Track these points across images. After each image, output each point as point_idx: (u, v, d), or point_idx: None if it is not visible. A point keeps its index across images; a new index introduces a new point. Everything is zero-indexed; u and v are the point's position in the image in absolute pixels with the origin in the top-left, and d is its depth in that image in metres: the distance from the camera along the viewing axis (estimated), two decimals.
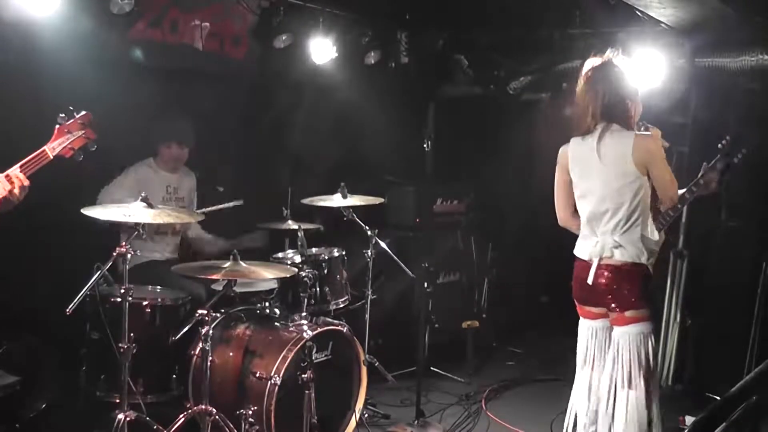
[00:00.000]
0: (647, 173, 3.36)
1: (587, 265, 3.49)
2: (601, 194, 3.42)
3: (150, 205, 3.51)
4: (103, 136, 3.35)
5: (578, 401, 3.66)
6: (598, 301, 3.52)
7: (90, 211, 3.42)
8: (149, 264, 4.47)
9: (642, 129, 3.48)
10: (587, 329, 3.62)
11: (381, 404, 4.87)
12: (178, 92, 5.02)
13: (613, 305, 3.44)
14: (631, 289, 3.39)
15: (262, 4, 5.13)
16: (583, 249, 3.56)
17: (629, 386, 3.38)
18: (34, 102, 4.06)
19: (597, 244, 3.45)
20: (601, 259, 3.43)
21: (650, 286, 3.49)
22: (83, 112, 3.31)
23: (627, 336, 3.41)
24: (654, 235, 3.41)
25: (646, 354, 3.40)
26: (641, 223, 3.39)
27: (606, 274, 3.42)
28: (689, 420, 4.00)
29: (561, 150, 3.62)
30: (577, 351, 3.68)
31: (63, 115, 3.26)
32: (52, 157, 3.20)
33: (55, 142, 3.22)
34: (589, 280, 3.44)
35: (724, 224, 5.15)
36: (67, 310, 3.16)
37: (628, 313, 3.41)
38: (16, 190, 3.07)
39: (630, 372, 3.38)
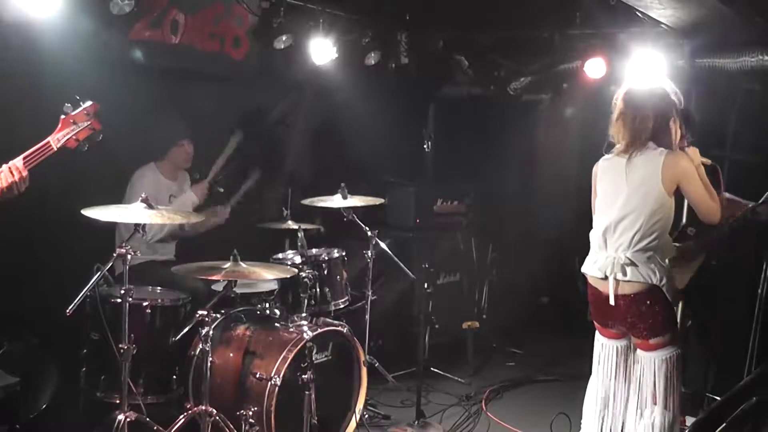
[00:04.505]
0: (674, 193, 3.29)
1: (602, 283, 3.39)
2: (620, 207, 3.35)
3: (150, 206, 3.51)
4: (103, 137, 3.34)
5: (593, 417, 3.58)
6: (619, 324, 3.44)
7: (90, 212, 3.41)
8: (149, 264, 4.47)
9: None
10: (610, 348, 3.53)
11: (381, 405, 4.87)
12: (179, 92, 5.02)
13: (637, 333, 3.37)
14: (653, 320, 3.31)
15: (262, 4, 5.13)
16: (593, 264, 3.46)
17: (659, 405, 3.33)
18: (34, 102, 4.06)
19: (608, 259, 3.36)
20: (615, 278, 3.32)
21: (673, 310, 3.42)
22: (89, 102, 3.25)
23: (654, 360, 3.34)
24: (666, 261, 3.33)
25: (675, 376, 3.34)
26: (656, 246, 3.30)
27: (623, 303, 3.34)
28: (689, 420, 3.99)
29: (594, 168, 3.58)
30: (596, 367, 3.60)
31: (69, 104, 3.19)
32: (56, 149, 3.13)
33: (60, 133, 3.15)
34: (611, 300, 3.35)
35: (725, 224, 5.14)
36: (68, 310, 3.16)
37: (653, 340, 3.34)
38: (17, 181, 3.02)
39: (658, 392, 3.33)
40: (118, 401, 3.52)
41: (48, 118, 3.25)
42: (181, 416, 3.58)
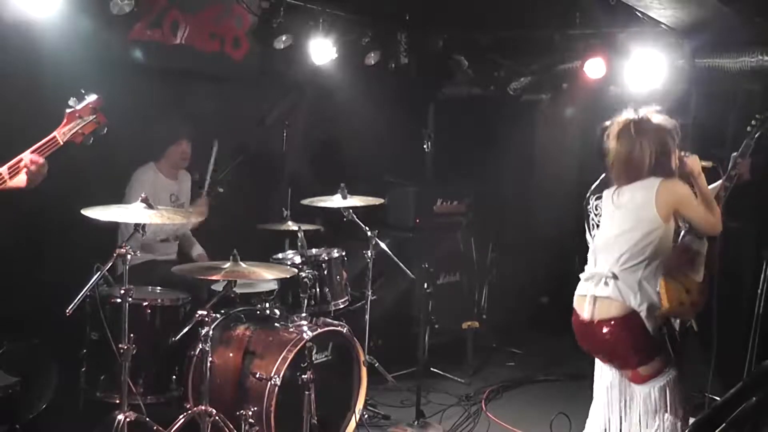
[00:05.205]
0: (673, 219, 3.25)
1: (582, 301, 3.33)
2: (613, 228, 3.31)
3: (150, 206, 3.51)
4: (103, 137, 3.34)
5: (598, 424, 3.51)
6: (601, 354, 3.39)
7: (90, 212, 3.41)
8: (149, 264, 4.47)
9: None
10: (605, 369, 3.45)
11: (381, 405, 4.87)
12: (179, 92, 5.02)
13: (623, 365, 3.30)
14: (634, 348, 3.23)
15: (262, 4, 5.14)
16: (580, 286, 3.41)
17: (667, 413, 3.27)
18: (34, 102, 4.06)
19: (593, 276, 3.31)
20: (594, 297, 3.26)
21: (653, 338, 3.28)
22: (94, 97, 3.23)
23: (651, 392, 3.25)
24: (656, 294, 3.22)
25: (676, 396, 3.26)
26: (645, 269, 3.21)
27: (599, 328, 3.25)
28: (689, 421, 3.99)
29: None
30: (597, 379, 3.54)
31: (74, 98, 3.17)
32: (62, 143, 3.12)
33: (66, 127, 3.14)
34: (586, 315, 3.27)
35: (725, 224, 5.13)
36: (67, 310, 3.16)
37: (642, 370, 3.25)
38: (37, 171, 3.03)
39: (659, 411, 3.27)
40: (117, 401, 3.52)
41: (48, 119, 3.25)
42: (181, 416, 3.58)
